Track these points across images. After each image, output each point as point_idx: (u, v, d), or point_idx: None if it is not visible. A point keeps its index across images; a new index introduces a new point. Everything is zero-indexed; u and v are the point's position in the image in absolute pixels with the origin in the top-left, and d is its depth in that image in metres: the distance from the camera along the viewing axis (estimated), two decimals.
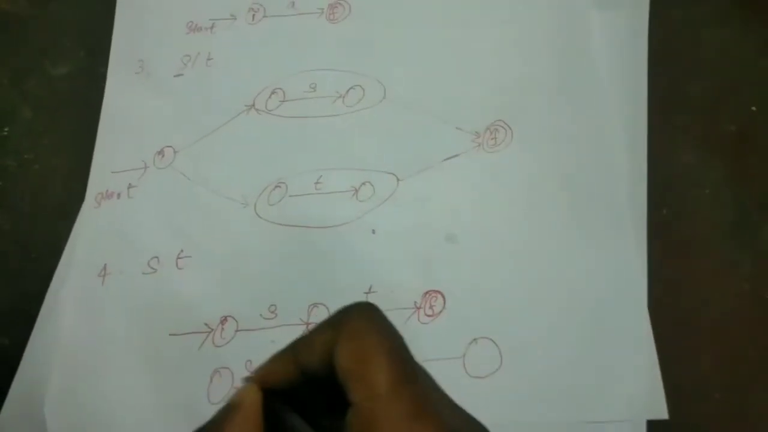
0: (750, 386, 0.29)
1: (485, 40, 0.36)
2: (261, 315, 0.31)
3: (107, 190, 0.35)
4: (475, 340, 0.29)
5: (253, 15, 0.39)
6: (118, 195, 0.35)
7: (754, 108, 0.35)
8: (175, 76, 0.38)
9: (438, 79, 0.35)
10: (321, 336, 0.18)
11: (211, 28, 0.39)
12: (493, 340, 0.29)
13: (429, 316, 0.30)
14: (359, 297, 0.31)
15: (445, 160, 0.33)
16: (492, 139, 0.34)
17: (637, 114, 0.33)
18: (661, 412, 0.27)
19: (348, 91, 0.36)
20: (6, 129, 0.40)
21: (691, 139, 0.34)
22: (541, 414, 0.28)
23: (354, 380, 0.17)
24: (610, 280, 0.30)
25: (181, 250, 0.33)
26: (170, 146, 0.36)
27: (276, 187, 0.34)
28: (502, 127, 0.34)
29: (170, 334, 0.31)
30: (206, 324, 0.31)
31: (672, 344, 0.29)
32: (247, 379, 0.20)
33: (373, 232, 0.32)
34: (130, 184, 0.35)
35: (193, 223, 0.34)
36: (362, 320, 0.18)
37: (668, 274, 0.31)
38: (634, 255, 0.30)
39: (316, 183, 0.34)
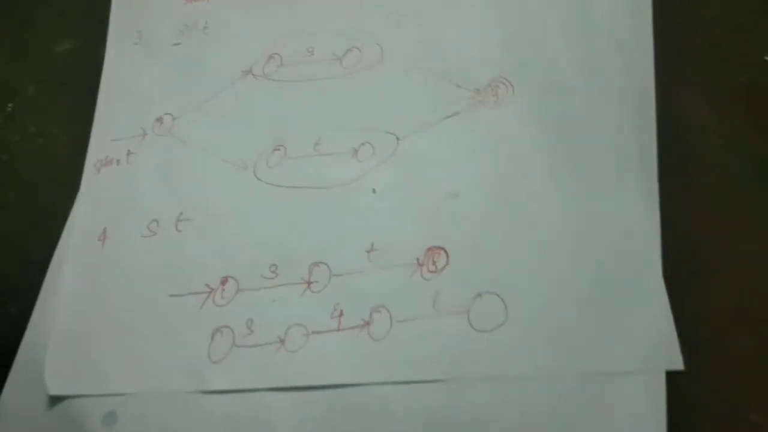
0: None
1: None
2: (262, 275, 0.31)
3: (106, 157, 0.36)
4: (479, 294, 0.28)
5: None
6: (117, 161, 0.35)
7: (767, 57, 0.34)
8: (172, 45, 0.38)
9: (436, 37, 0.35)
10: None
11: None
12: (498, 295, 0.28)
13: (432, 272, 0.29)
14: (361, 255, 0.30)
15: (445, 118, 0.33)
16: (493, 95, 0.33)
17: (644, 64, 0.32)
18: (677, 363, 0.26)
19: (346, 53, 0.36)
20: (10, 105, 0.40)
21: (702, 91, 0.33)
22: (549, 367, 0.27)
23: None
24: (619, 230, 0.29)
25: (181, 213, 0.33)
26: (169, 113, 0.36)
27: (275, 149, 0.34)
28: (503, 83, 0.33)
29: (170, 296, 0.31)
30: (207, 285, 0.31)
31: (686, 295, 0.28)
32: None
33: (374, 191, 0.32)
34: (129, 150, 0.35)
35: (192, 187, 0.34)
36: None
37: (681, 222, 0.29)
38: (644, 205, 0.29)
39: (315, 145, 0.33)
